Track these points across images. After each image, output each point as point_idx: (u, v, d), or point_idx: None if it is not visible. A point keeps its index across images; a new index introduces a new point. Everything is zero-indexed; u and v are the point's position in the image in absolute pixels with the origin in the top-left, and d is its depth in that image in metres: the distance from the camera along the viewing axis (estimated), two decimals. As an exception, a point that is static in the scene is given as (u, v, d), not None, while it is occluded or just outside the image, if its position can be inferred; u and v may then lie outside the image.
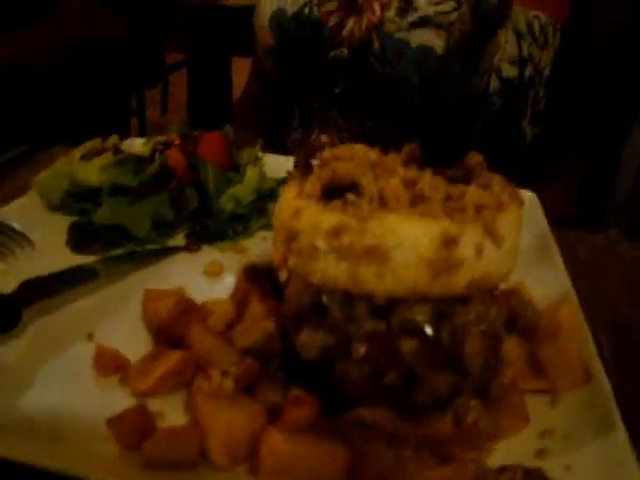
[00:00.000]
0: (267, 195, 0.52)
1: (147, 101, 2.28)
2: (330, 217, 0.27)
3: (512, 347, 0.35)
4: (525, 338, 0.37)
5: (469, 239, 0.27)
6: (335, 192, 0.28)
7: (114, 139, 0.56)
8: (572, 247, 0.54)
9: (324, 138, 0.76)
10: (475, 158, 0.32)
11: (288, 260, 0.29)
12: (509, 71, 0.67)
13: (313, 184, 0.29)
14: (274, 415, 0.29)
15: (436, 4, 0.65)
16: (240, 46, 2.68)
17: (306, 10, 0.72)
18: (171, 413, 0.31)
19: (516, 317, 0.37)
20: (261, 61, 0.83)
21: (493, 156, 0.68)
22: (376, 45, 0.68)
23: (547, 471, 0.28)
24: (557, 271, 0.45)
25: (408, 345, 0.27)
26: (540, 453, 0.31)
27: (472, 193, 0.28)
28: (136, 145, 0.60)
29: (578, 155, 0.80)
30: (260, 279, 0.36)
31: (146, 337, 0.37)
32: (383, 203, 0.27)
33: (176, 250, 0.47)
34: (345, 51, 0.71)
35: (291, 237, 0.29)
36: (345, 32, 0.71)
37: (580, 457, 0.30)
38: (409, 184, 0.28)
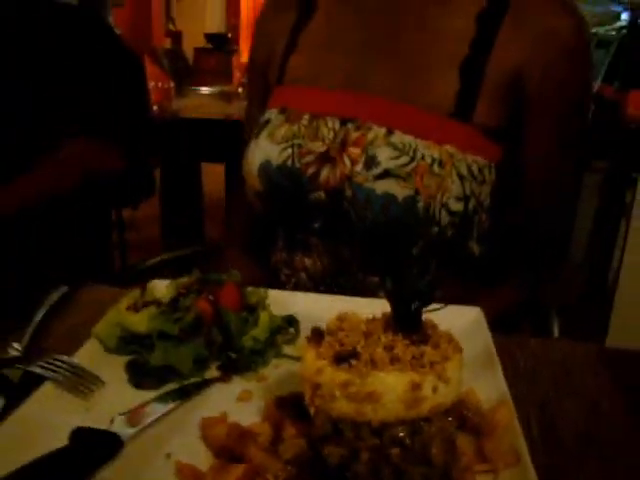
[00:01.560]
0: (276, 331, 0.71)
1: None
2: (341, 375, 0.46)
3: (464, 441, 0.54)
4: (473, 434, 0.56)
5: (428, 384, 0.46)
6: (342, 357, 0.48)
7: (150, 295, 0.75)
8: (513, 353, 0.74)
9: (307, 262, 0.96)
10: (429, 323, 0.51)
11: (314, 401, 0.48)
12: (456, 206, 0.88)
13: (327, 350, 0.48)
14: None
15: (394, 159, 0.86)
16: (208, 153, 2.92)
17: (289, 162, 0.93)
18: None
19: (466, 419, 0.56)
20: (250, 201, 1.03)
21: (450, 269, 0.89)
22: (348, 192, 0.89)
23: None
24: (497, 378, 0.64)
25: (395, 452, 0.46)
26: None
27: (428, 353, 0.47)
28: (159, 287, 0.79)
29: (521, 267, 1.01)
30: (288, 408, 0.55)
31: (207, 453, 0.55)
32: (374, 364, 0.46)
33: (213, 381, 0.65)
34: (322, 194, 0.92)
35: (316, 387, 0.48)
36: (322, 179, 0.91)
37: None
38: (388, 349, 0.48)
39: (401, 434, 0.46)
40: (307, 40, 1.00)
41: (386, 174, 0.86)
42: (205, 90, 3.76)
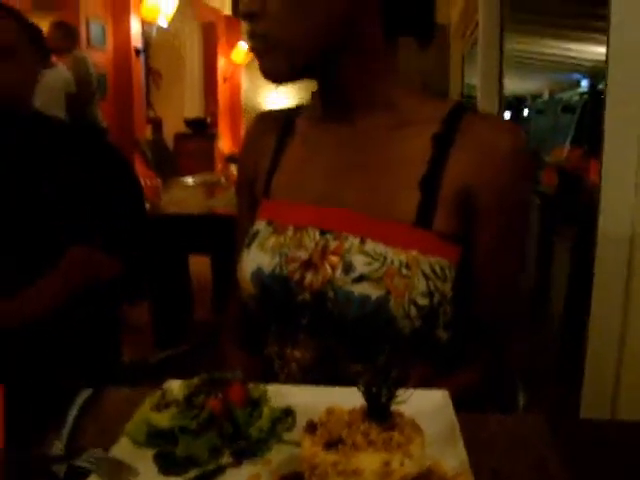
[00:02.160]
0: (277, 421, 0.86)
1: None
2: (331, 457, 0.62)
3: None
4: (440, 498, 0.71)
5: (396, 460, 0.62)
6: (331, 443, 0.63)
7: (170, 394, 0.89)
8: (473, 428, 0.89)
9: (297, 353, 1.11)
10: (396, 413, 0.67)
11: (312, 478, 0.63)
12: (422, 301, 1.04)
13: (320, 438, 0.64)
14: None
15: (367, 265, 1.03)
16: (193, 245, 3.10)
17: (277, 269, 1.10)
18: None
19: (434, 486, 0.71)
20: (245, 302, 1.19)
21: (422, 354, 1.04)
22: (330, 294, 1.05)
23: None
24: (458, 450, 0.78)
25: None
26: None
27: (396, 437, 0.63)
28: (174, 386, 0.94)
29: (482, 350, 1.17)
30: None
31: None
32: (355, 447, 0.62)
33: (227, 466, 0.80)
34: (308, 295, 1.08)
35: (313, 467, 0.63)
36: (306, 283, 1.08)
37: None
38: (365, 435, 0.63)
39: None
40: (287, 161, 1.19)
41: (361, 278, 1.03)
42: (189, 181, 3.96)
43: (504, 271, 1.13)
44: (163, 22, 7.14)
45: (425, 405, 0.84)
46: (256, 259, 1.12)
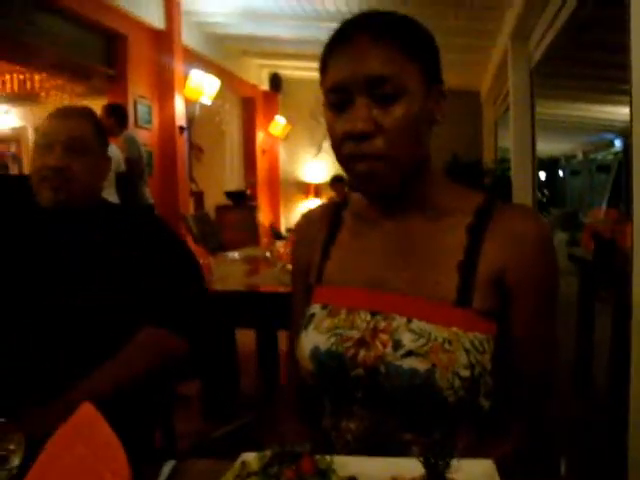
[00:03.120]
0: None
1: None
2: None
3: None
4: None
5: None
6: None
7: (249, 466, 1.01)
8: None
9: (351, 425, 1.22)
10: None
11: None
12: (464, 372, 1.15)
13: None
14: None
15: (414, 341, 1.15)
16: (238, 320, 3.23)
17: (333, 347, 1.22)
18: None
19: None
20: (303, 377, 1.32)
21: (465, 423, 1.15)
22: (382, 368, 1.17)
23: None
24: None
25: None
26: None
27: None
28: (250, 458, 1.05)
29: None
30: None
31: None
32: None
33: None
34: (361, 371, 1.20)
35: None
36: (359, 359, 1.20)
37: None
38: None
39: None
40: (337, 251, 1.33)
41: (409, 353, 1.15)
42: (235, 255, 4.11)
43: (538, 339, 1.25)
44: (206, 100, 7.47)
45: (475, 474, 0.94)
46: (313, 339, 1.25)
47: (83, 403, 0.81)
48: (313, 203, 9.22)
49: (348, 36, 1.19)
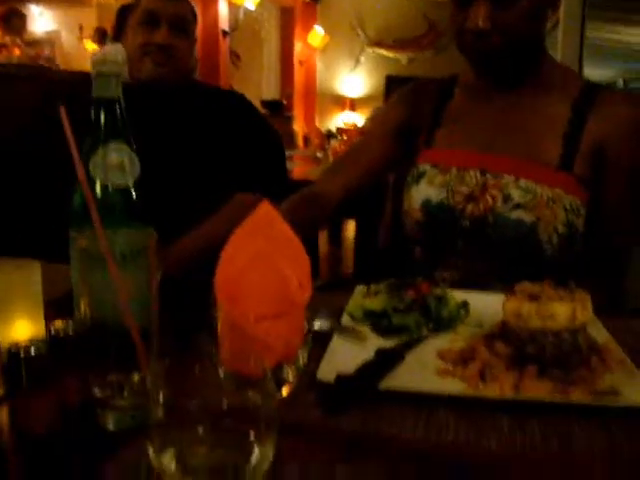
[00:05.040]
0: (459, 307, 1.15)
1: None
2: (534, 306, 0.90)
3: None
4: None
5: (579, 310, 0.90)
6: (533, 296, 0.91)
7: (374, 289, 1.19)
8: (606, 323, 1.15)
9: (445, 275, 1.40)
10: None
11: (516, 322, 0.92)
12: (562, 229, 1.33)
13: (522, 295, 0.92)
14: None
15: (522, 197, 1.32)
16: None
17: (444, 200, 1.40)
18: None
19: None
20: (409, 229, 1.49)
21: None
22: (490, 219, 1.34)
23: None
24: (604, 333, 1.06)
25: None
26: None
27: (577, 295, 0.91)
28: (371, 288, 1.23)
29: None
30: (490, 339, 0.99)
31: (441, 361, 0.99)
32: (551, 299, 0.90)
33: (429, 335, 1.09)
34: (468, 222, 1.37)
35: (518, 315, 0.92)
36: (467, 212, 1.37)
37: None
38: (556, 292, 0.92)
39: (565, 335, 0.89)
40: (448, 119, 1.49)
41: (517, 206, 1.32)
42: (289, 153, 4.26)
43: (626, 209, 1.41)
44: (250, 5, 7.47)
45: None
46: (425, 192, 1.42)
47: (262, 202, 0.85)
48: (349, 117, 9.25)
49: None
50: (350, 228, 3.73)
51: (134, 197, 0.89)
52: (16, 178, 1.94)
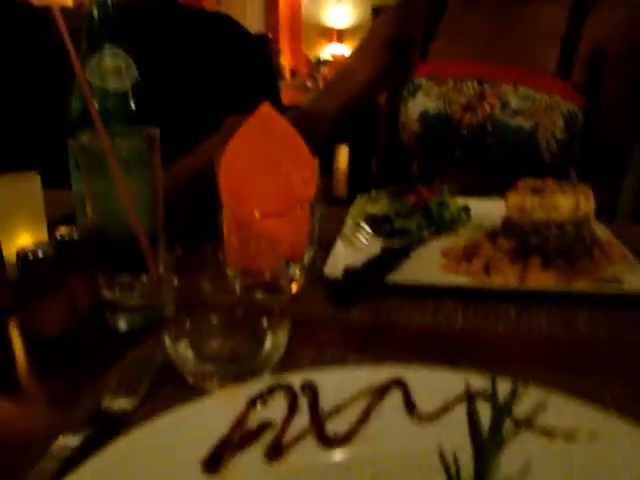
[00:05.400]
0: (460, 210, 1.15)
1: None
2: (537, 198, 0.91)
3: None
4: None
5: (582, 201, 0.91)
6: (536, 190, 0.92)
7: (375, 196, 1.19)
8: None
9: (443, 187, 1.40)
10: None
11: (519, 216, 0.93)
12: (560, 135, 1.32)
13: (525, 189, 0.93)
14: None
15: (521, 104, 1.31)
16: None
17: (442, 110, 1.39)
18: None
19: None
20: (405, 140, 1.49)
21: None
22: (489, 127, 1.34)
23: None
24: (602, 229, 1.08)
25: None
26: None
27: (580, 188, 0.92)
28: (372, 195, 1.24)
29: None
30: (492, 235, 1.00)
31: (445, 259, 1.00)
32: (554, 192, 0.91)
33: (431, 237, 1.10)
34: (466, 132, 1.37)
35: (522, 209, 0.92)
36: (465, 121, 1.36)
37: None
38: (559, 186, 0.92)
39: (569, 226, 0.90)
40: (442, 32, 1.47)
41: (516, 113, 1.31)
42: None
43: (622, 111, 1.41)
44: None
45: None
46: (422, 104, 1.41)
47: (262, 104, 0.84)
48: (336, 49, 9.12)
49: None
50: (343, 155, 3.72)
51: (132, 101, 0.88)
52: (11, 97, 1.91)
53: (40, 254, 0.80)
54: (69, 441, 0.56)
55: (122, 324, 0.82)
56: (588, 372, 0.70)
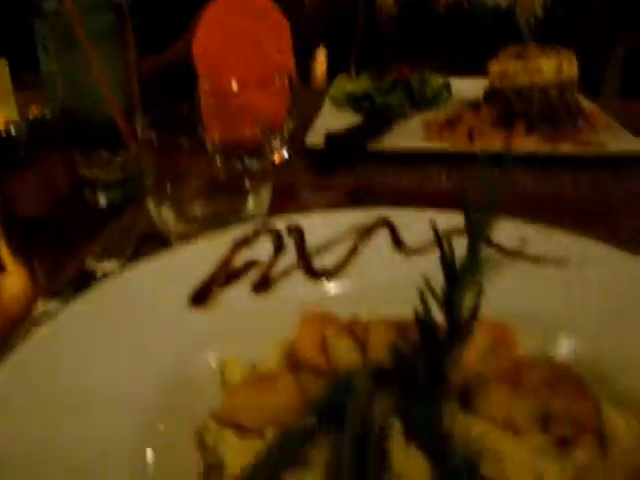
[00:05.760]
0: (442, 87, 1.13)
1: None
2: (520, 63, 0.89)
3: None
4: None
5: (565, 66, 0.89)
6: (520, 54, 0.90)
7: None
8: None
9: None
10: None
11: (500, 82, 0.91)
12: (539, 12, 1.29)
13: (509, 56, 0.91)
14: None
15: (497, -16, 1.28)
16: None
17: (418, -11, 1.35)
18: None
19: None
20: (381, 24, 1.45)
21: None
22: (465, 4, 1.31)
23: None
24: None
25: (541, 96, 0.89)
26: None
27: (564, 62, 0.90)
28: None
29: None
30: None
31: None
32: (537, 56, 0.89)
33: (412, 114, 1.08)
34: (442, 9, 1.34)
35: (504, 76, 0.90)
36: (441, 0, 1.33)
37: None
38: (542, 51, 0.90)
39: (552, 90, 0.89)
40: None
41: None
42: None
43: None
44: None
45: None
46: None
47: None
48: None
49: None
50: (321, 58, 3.64)
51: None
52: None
53: (14, 131, 0.78)
54: (50, 304, 0.56)
55: (102, 200, 0.81)
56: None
